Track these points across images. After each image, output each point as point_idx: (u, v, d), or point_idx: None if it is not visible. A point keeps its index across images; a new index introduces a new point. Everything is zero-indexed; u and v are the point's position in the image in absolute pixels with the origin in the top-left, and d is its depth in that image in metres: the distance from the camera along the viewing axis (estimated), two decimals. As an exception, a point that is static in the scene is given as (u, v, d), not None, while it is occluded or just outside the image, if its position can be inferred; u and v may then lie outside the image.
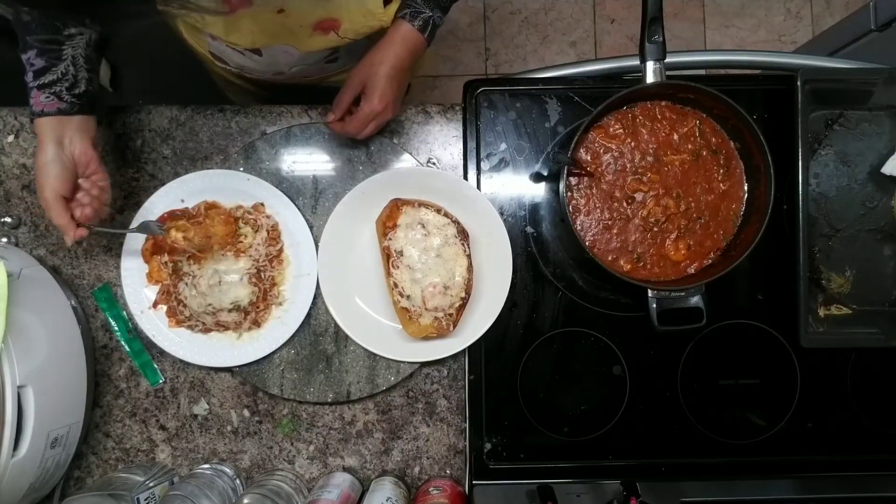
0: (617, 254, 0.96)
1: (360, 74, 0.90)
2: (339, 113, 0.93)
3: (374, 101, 0.90)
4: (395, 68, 0.90)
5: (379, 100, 0.90)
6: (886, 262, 1.00)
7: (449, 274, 0.93)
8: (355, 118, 0.91)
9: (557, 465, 1.00)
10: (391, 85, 0.90)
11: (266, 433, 1.03)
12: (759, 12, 2.30)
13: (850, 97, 1.00)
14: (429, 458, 1.03)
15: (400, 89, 0.92)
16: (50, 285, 0.96)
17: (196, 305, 0.96)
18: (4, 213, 1.03)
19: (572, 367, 1.02)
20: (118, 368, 1.03)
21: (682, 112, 0.96)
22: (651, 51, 0.91)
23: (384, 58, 0.89)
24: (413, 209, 0.94)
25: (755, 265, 1.01)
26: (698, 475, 1.00)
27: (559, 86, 1.05)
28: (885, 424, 1.02)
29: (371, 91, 0.89)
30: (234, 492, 0.98)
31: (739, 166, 0.96)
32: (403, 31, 0.90)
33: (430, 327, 0.95)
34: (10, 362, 0.81)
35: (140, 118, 1.04)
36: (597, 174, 0.96)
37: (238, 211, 1.00)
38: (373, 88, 0.89)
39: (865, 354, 1.02)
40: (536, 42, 2.27)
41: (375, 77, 0.89)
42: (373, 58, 0.90)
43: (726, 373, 1.02)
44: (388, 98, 0.90)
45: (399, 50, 0.90)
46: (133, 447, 1.03)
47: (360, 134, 0.93)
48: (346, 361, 1.02)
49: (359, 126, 0.92)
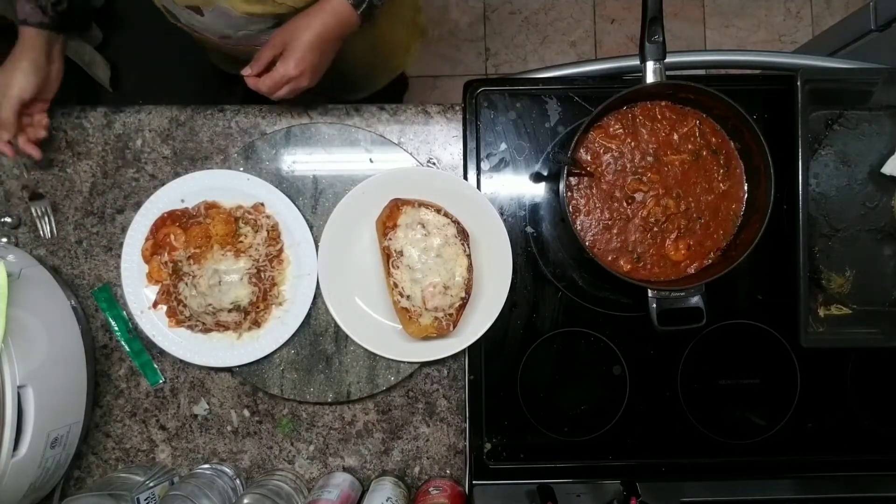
0: (617, 254, 0.96)
1: (283, 36, 0.90)
2: (255, 69, 0.92)
3: (290, 66, 0.89)
4: (320, 37, 0.89)
5: (295, 65, 0.89)
6: (886, 262, 1.00)
7: (449, 274, 0.93)
8: (268, 77, 0.90)
9: (557, 465, 1.00)
10: (312, 53, 0.89)
11: (266, 433, 1.03)
12: (759, 12, 2.30)
13: (850, 97, 1.00)
14: (429, 458, 1.03)
15: (322, 59, 0.91)
16: (50, 285, 0.96)
17: (196, 305, 0.96)
18: (4, 213, 1.03)
19: (572, 367, 1.02)
20: (118, 368, 1.03)
21: (682, 112, 0.96)
22: (651, 51, 0.91)
23: (310, 24, 0.89)
24: (413, 209, 0.94)
25: (755, 265, 1.01)
26: (698, 475, 1.00)
27: (559, 86, 1.05)
28: (885, 424, 1.02)
29: (289, 55, 0.89)
30: (234, 492, 0.98)
31: (739, 166, 0.96)
32: (336, 2, 0.89)
33: (430, 327, 0.95)
34: (10, 362, 0.81)
35: (140, 118, 1.04)
36: (597, 174, 0.96)
37: (238, 211, 1.00)
38: (291, 52, 0.89)
39: (865, 354, 1.02)
40: (536, 42, 2.27)
41: (297, 41, 0.88)
42: (299, 22, 0.89)
43: (726, 373, 1.02)
44: (305, 65, 0.89)
45: (328, 20, 0.89)
46: (133, 447, 1.03)
47: (272, 95, 0.92)
48: (346, 361, 1.02)
49: (271, 86, 0.91)
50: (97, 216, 1.03)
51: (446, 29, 2.27)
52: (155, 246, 0.99)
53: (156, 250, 0.99)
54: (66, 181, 1.03)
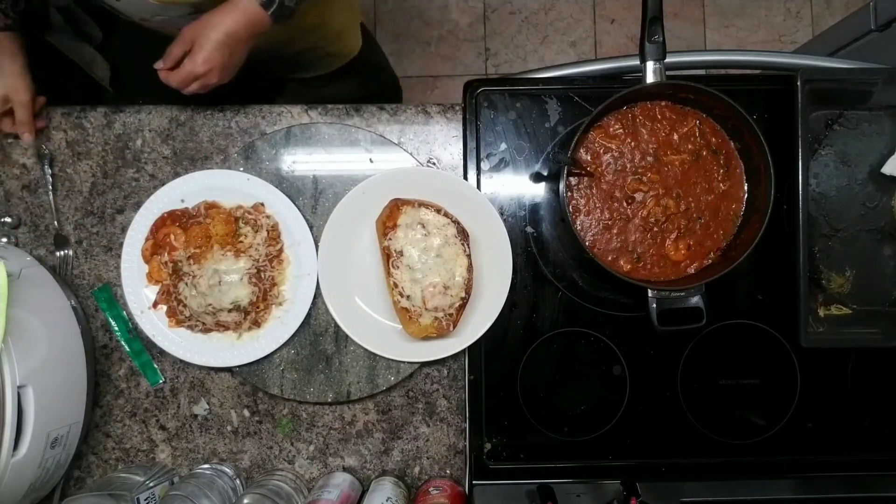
0: (617, 254, 0.96)
1: (192, 32, 0.90)
2: (166, 63, 0.93)
3: (197, 63, 0.90)
4: (229, 36, 0.90)
5: (202, 62, 0.90)
6: (886, 262, 1.00)
7: (449, 274, 0.93)
8: (177, 73, 0.91)
9: (557, 465, 1.00)
10: (220, 51, 0.90)
11: (266, 433, 1.03)
12: (759, 12, 2.30)
13: (850, 97, 1.00)
14: (429, 458, 1.03)
15: (232, 57, 0.92)
16: (50, 285, 0.96)
17: (196, 305, 0.96)
18: (4, 213, 1.03)
19: (572, 367, 1.02)
20: (118, 368, 1.03)
21: (682, 112, 0.96)
22: (651, 51, 0.91)
23: (219, 23, 0.90)
24: (413, 209, 0.94)
25: (755, 265, 1.01)
26: (698, 475, 1.00)
27: (559, 86, 1.05)
28: (885, 424, 1.02)
29: (196, 52, 0.90)
30: (234, 492, 0.98)
31: (739, 166, 0.96)
32: (246, 2, 0.90)
33: (430, 327, 0.95)
34: (10, 362, 0.81)
35: (140, 118, 1.04)
36: (597, 174, 0.96)
37: (238, 211, 1.00)
38: (199, 49, 0.89)
39: (865, 354, 1.02)
40: (536, 42, 2.27)
41: (205, 39, 0.89)
42: (209, 19, 0.90)
43: (726, 373, 1.02)
44: (213, 63, 0.90)
45: (237, 19, 0.90)
46: (133, 447, 1.03)
47: (182, 89, 0.93)
48: (346, 361, 1.02)
49: (179, 81, 0.92)
50: (97, 216, 1.03)
51: (446, 29, 2.27)
52: (155, 246, 0.99)
53: (156, 250, 0.99)
54: (66, 181, 1.03)
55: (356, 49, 1.37)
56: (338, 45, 1.32)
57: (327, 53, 1.31)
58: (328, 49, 1.30)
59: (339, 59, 1.35)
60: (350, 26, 1.33)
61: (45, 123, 1.03)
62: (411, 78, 2.26)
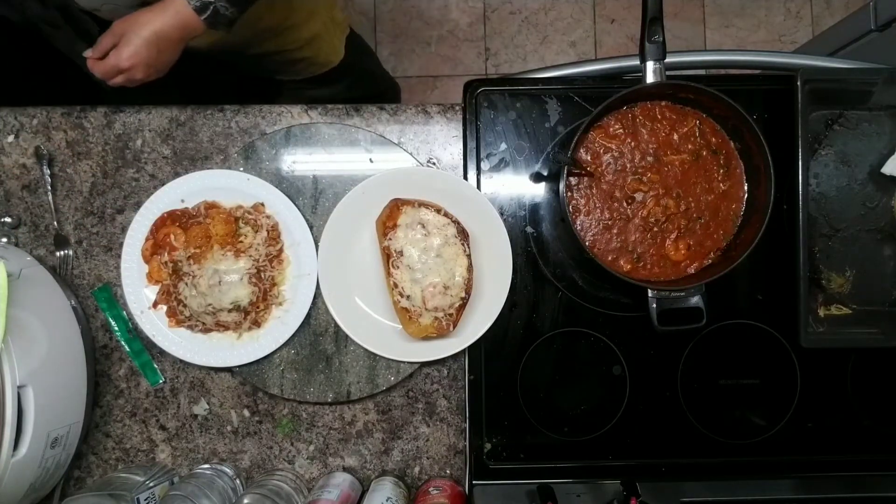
0: (617, 254, 0.96)
1: (123, 26, 0.91)
2: (95, 53, 0.93)
3: (122, 57, 0.90)
4: (158, 35, 0.90)
5: (128, 58, 0.90)
6: (886, 262, 1.00)
7: (449, 274, 0.93)
8: (102, 64, 0.92)
9: (557, 465, 1.00)
10: (147, 49, 0.90)
11: (266, 433, 1.03)
12: (759, 12, 2.30)
13: (850, 97, 1.00)
14: (429, 458, 1.03)
15: (160, 56, 0.92)
16: (50, 285, 0.96)
17: (196, 305, 0.96)
18: (4, 213, 1.03)
19: (572, 367, 1.02)
20: (118, 368, 1.03)
21: (682, 112, 0.96)
22: (651, 51, 0.91)
23: (150, 21, 0.90)
24: (413, 209, 0.94)
25: (755, 265, 1.01)
26: (698, 475, 1.00)
27: (559, 86, 1.05)
28: (885, 424, 1.02)
29: (123, 46, 0.90)
30: (234, 492, 0.98)
31: (739, 166, 0.96)
32: (179, 4, 0.90)
33: (430, 327, 0.95)
34: (10, 362, 0.81)
35: (140, 118, 1.04)
36: (597, 174, 0.96)
37: (238, 211, 1.00)
38: (126, 44, 0.90)
39: (865, 354, 1.02)
40: (536, 42, 2.27)
41: (134, 35, 0.90)
42: (140, 16, 0.91)
43: (726, 373, 1.02)
44: (138, 59, 0.91)
45: (168, 20, 0.90)
46: (133, 447, 1.03)
47: (107, 81, 0.94)
48: (346, 361, 1.02)
49: (102, 72, 0.93)
50: (97, 216, 1.03)
51: (446, 29, 2.27)
52: (155, 246, 0.99)
53: (156, 250, 0.99)
54: (66, 181, 1.03)
55: (335, 59, 1.38)
56: (309, 51, 1.33)
57: (300, 59, 1.33)
58: (299, 55, 1.31)
59: (316, 66, 1.37)
60: (323, 35, 1.34)
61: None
62: (411, 78, 2.26)
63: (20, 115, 1.03)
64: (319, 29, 1.32)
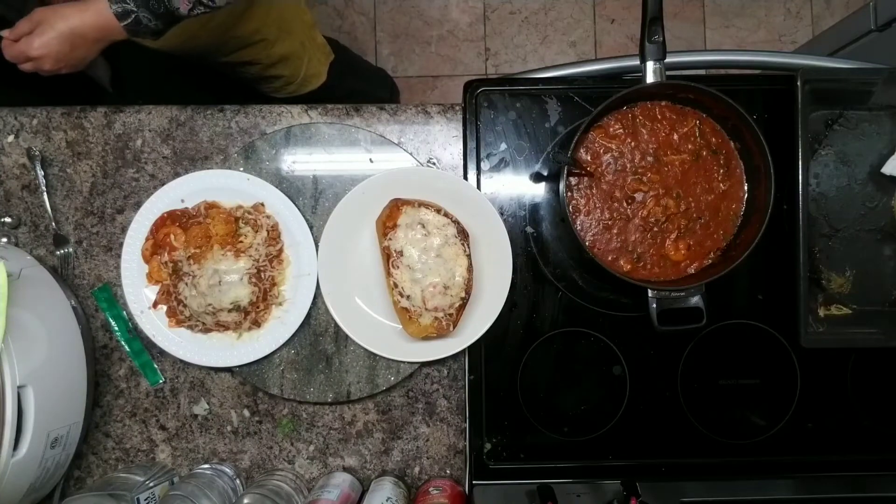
0: (617, 254, 0.96)
1: (42, 15, 0.91)
2: (10, 35, 0.94)
3: (33, 45, 0.91)
4: (73, 32, 0.90)
5: (38, 47, 0.91)
6: (886, 262, 1.00)
7: (449, 274, 0.93)
8: (13, 47, 0.93)
9: (557, 465, 1.00)
10: (60, 43, 0.91)
11: (266, 433, 1.03)
12: (759, 12, 2.30)
13: (850, 97, 1.00)
14: (429, 458, 1.03)
15: (73, 52, 0.93)
16: (50, 285, 0.96)
17: (196, 305, 0.96)
18: (4, 213, 1.03)
19: (572, 367, 1.02)
20: (118, 368, 1.03)
21: (682, 112, 0.96)
22: (651, 51, 0.91)
23: (69, 16, 0.90)
24: (413, 209, 0.94)
25: (755, 265, 1.01)
26: (698, 475, 1.00)
27: (559, 86, 1.05)
28: (885, 424, 1.02)
29: (36, 35, 0.91)
30: (234, 492, 0.98)
31: (739, 166, 0.96)
32: (101, 6, 0.90)
33: (430, 327, 0.95)
34: (10, 362, 0.81)
35: (140, 118, 1.04)
36: (597, 174, 0.96)
37: (238, 211, 1.00)
38: (39, 34, 0.90)
39: (865, 354, 1.02)
40: (536, 42, 2.27)
41: (49, 27, 0.90)
42: (62, 10, 0.91)
43: (726, 373, 1.02)
44: (48, 50, 0.91)
45: (88, 19, 0.90)
46: (133, 447, 1.03)
47: (17, 64, 0.94)
48: (346, 361, 1.02)
49: (11, 55, 0.93)
50: (97, 216, 1.03)
51: (446, 29, 2.27)
52: (155, 246, 0.99)
53: (156, 250, 0.99)
54: (66, 181, 1.03)
55: (315, 83, 1.41)
56: (284, 69, 1.34)
57: (275, 75, 1.35)
58: (274, 71, 1.33)
59: (294, 86, 1.39)
60: (301, 56, 1.35)
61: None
62: (411, 78, 2.26)
63: (20, 115, 1.03)
64: (296, 49, 1.33)
